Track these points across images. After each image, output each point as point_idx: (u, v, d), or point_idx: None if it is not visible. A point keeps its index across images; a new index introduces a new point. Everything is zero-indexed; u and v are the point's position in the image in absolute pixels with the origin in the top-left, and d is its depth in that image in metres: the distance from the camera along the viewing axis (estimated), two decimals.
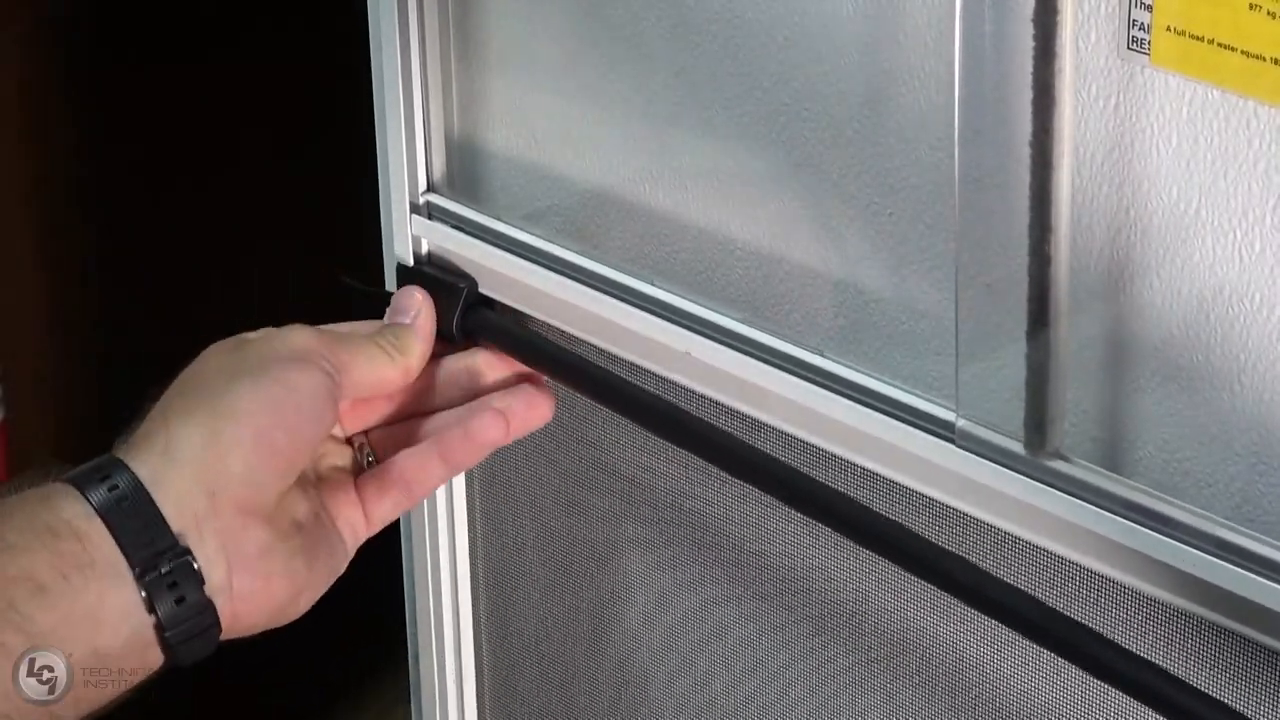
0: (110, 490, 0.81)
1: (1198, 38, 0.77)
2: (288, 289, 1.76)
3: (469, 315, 1.00)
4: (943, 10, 0.82)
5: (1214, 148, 0.78)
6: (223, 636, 0.83)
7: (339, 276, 1.01)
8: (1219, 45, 0.76)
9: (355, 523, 0.90)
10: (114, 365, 1.67)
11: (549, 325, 0.99)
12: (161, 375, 0.89)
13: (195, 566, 0.81)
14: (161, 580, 0.80)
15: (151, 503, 0.81)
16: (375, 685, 1.66)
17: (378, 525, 0.91)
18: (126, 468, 0.82)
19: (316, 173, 1.77)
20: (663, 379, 0.95)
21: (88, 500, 0.81)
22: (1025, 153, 0.79)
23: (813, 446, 0.90)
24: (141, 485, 0.81)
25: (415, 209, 1.02)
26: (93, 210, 1.67)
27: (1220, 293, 0.79)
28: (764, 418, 0.91)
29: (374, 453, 0.93)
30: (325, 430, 0.88)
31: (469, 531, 1.10)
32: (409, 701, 1.14)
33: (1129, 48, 0.79)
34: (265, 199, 1.78)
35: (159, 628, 0.81)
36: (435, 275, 1.01)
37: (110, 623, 0.80)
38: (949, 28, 0.81)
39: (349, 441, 0.93)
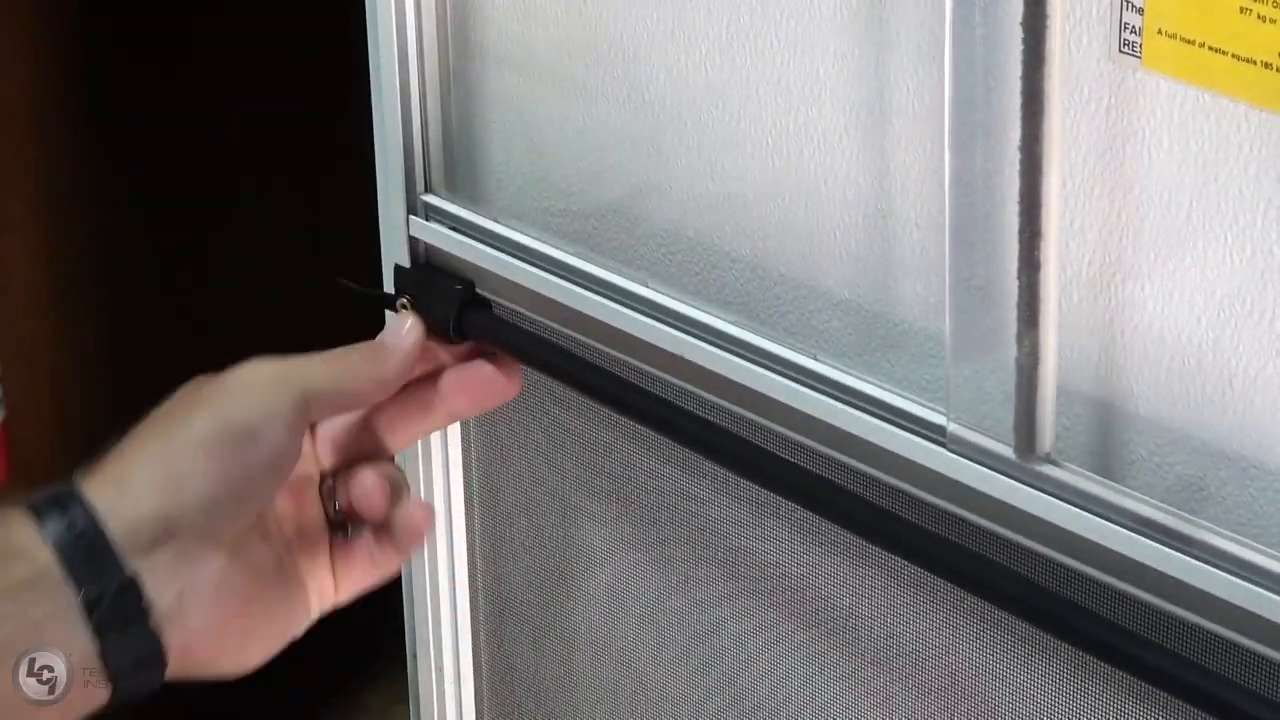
0: (63, 516, 0.81)
1: (1189, 41, 0.77)
2: (287, 289, 1.76)
3: (465, 316, 1.00)
4: (933, 15, 0.82)
5: (1205, 151, 0.78)
6: (170, 674, 0.83)
7: (336, 278, 1.01)
8: (1210, 49, 0.76)
9: (324, 587, 0.89)
10: (114, 364, 1.67)
11: (545, 326, 0.99)
12: (161, 374, 0.89)
13: (142, 595, 0.81)
14: (107, 607, 0.80)
15: (102, 532, 0.81)
16: (374, 684, 1.67)
17: (347, 593, 0.90)
18: (80, 496, 0.82)
19: (315, 174, 1.78)
20: (657, 380, 0.95)
21: (41, 526, 0.81)
22: (1015, 157, 0.79)
23: (804, 448, 0.90)
24: (93, 513, 0.81)
25: (413, 210, 1.02)
26: (93, 209, 1.67)
27: (1212, 297, 0.79)
28: (757, 420, 0.91)
29: (339, 502, 0.91)
30: (288, 456, 0.86)
31: (466, 530, 1.10)
32: (408, 700, 1.14)
33: (1121, 51, 0.78)
34: (263, 200, 1.78)
35: (104, 656, 0.80)
36: (432, 276, 1.02)
37: (53, 646, 0.80)
38: (939, 32, 0.80)
39: (321, 490, 0.91)
